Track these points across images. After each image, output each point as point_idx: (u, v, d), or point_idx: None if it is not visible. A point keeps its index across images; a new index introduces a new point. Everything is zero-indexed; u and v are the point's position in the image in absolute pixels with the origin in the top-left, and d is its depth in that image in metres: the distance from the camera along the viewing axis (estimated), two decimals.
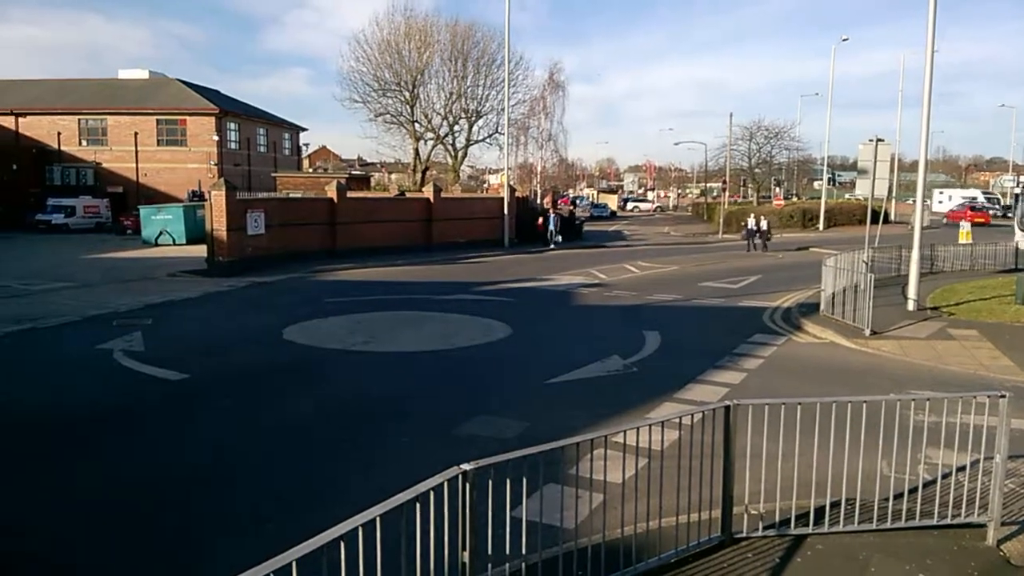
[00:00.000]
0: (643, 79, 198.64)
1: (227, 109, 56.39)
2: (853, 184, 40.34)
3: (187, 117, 53.86)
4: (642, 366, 12.64)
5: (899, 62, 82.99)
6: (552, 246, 38.17)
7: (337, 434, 9.11)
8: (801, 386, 11.26)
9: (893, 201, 53.91)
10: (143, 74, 60.68)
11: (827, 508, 6.09)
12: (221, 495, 7.36)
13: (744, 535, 5.96)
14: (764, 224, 37.36)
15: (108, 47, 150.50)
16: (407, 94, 51.85)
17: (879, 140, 19.33)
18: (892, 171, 35.98)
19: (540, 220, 40.11)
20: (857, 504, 6.10)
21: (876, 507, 6.11)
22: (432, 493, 4.23)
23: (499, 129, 52.00)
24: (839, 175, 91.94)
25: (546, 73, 60.00)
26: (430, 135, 53.76)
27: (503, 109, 45.24)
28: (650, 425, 5.63)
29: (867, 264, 19.10)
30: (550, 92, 57.99)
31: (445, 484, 4.33)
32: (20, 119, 53.89)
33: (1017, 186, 75.55)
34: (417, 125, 52.95)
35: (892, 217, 50.40)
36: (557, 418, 9.41)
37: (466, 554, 4.47)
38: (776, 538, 5.98)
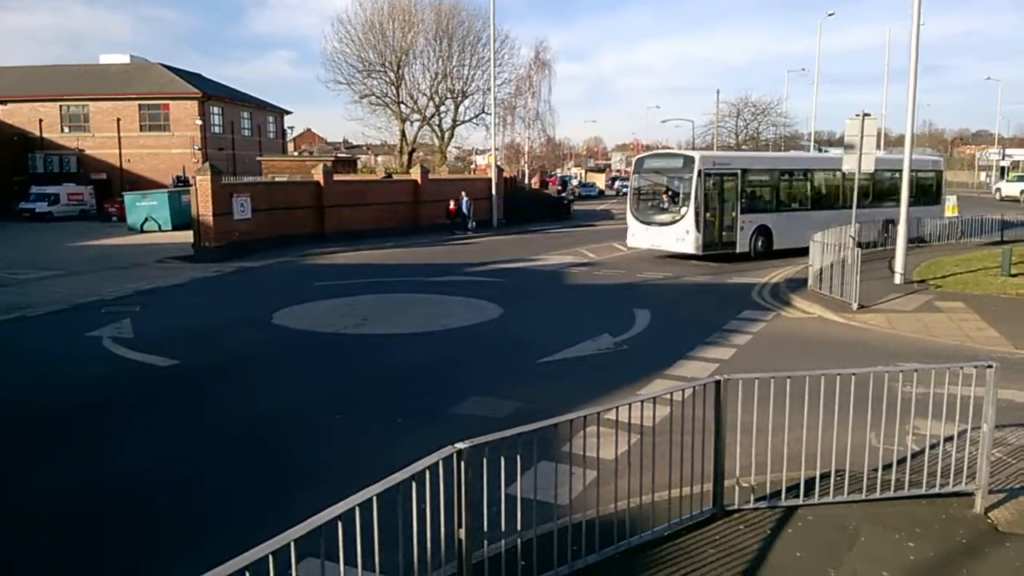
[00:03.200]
0: (630, 57, 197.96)
1: (210, 93, 55.79)
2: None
3: (170, 102, 53.30)
4: (633, 344, 12.71)
5: (885, 36, 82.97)
6: (468, 232, 34.22)
7: (331, 416, 9.12)
8: (790, 360, 11.35)
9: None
10: (124, 59, 59.91)
11: (817, 480, 6.17)
12: (220, 478, 7.38)
13: (736, 507, 6.04)
14: None
15: (88, 32, 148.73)
16: (392, 75, 51.51)
17: (866, 115, 19.35)
18: (879, 146, 36.00)
19: (452, 204, 35.45)
20: (847, 475, 6.18)
21: (865, 478, 6.20)
22: (428, 472, 4.26)
23: (485, 109, 51.82)
24: (826, 150, 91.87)
25: (532, 52, 59.80)
26: (416, 116, 53.53)
27: (489, 89, 45.04)
28: (641, 401, 5.68)
29: (854, 239, 19.20)
30: (536, 71, 57.74)
31: (440, 463, 4.36)
32: (0, 107, 53.24)
33: (1002, 159, 75.99)
34: (403, 106, 52.67)
35: None
36: (549, 396, 9.46)
37: (462, 531, 4.51)
38: (767, 510, 6.06)
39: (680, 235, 22.41)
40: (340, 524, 3.64)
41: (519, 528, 4.89)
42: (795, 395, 5.95)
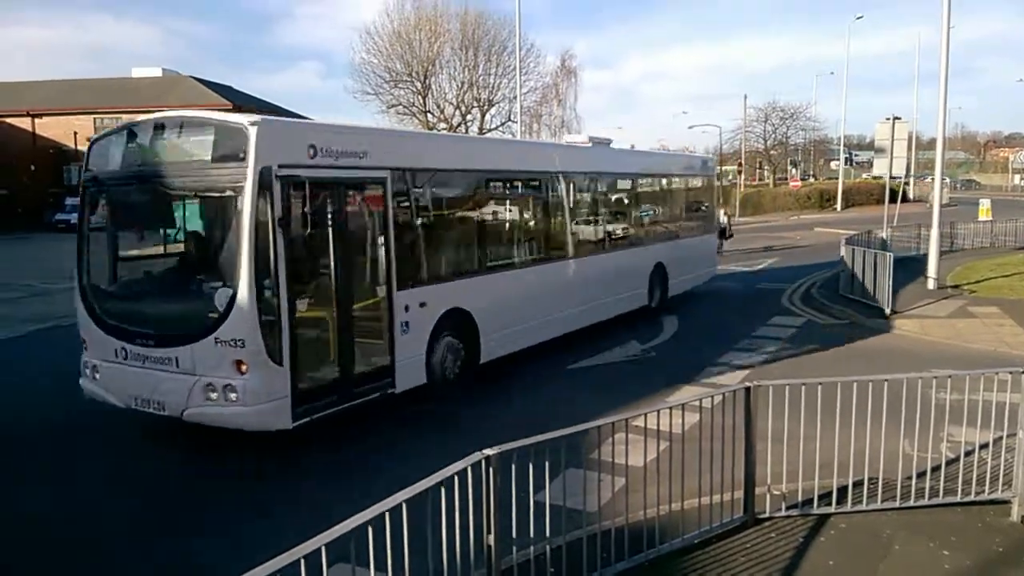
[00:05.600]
0: (656, 63, 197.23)
1: (240, 105, 56.51)
2: (871, 164, 39.88)
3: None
4: (661, 351, 12.66)
5: (915, 39, 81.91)
6: None
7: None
8: (822, 367, 11.22)
9: (912, 180, 53.42)
10: (156, 72, 60.94)
11: (850, 488, 6.09)
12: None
13: (767, 515, 5.98)
14: (724, 219, 27.12)
15: (118, 46, 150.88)
16: (419, 84, 51.99)
17: (896, 118, 19.16)
18: (910, 149, 35.24)
19: None
20: (880, 483, 6.11)
21: (899, 486, 6.11)
22: (456, 478, 4.29)
23: (512, 117, 51.96)
24: (856, 155, 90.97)
25: (558, 60, 59.92)
26: (443, 125, 53.85)
27: (515, 97, 45.18)
28: (670, 408, 5.65)
29: (886, 243, 18.98)
30: (563, 79, 57.95)
31: (469, 469, 4.39)
32: (36, 120, 54.46)
33: None
34: (429, 115, 53.07)
35: (911, 196, 49.98)
36: (578, 402, 9.45)
37: (491, 537, 4.52)
38: (799, 518, 6.00)
39: (217, 371, 7.54)
40: (371, 529, 3.67)
41: (548, 535, 4.89)
42: (826, 402, 5.89)
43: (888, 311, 14.67)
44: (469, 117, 54.19)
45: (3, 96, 55.44)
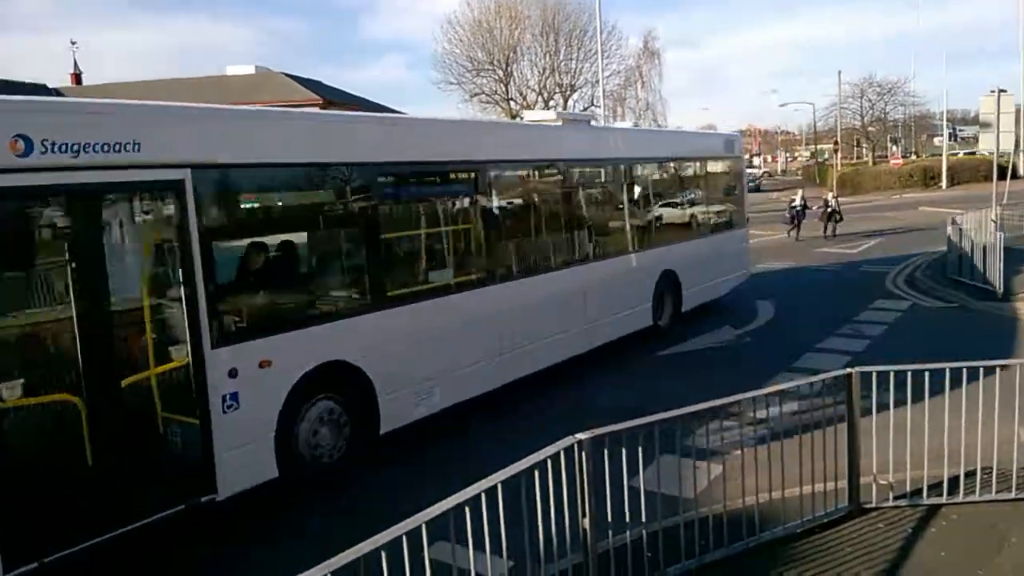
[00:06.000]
0: (743, 41, 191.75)
1: (330, 99, 57.77)
2: (976, 139, 37.68)
3: (293, 109, 55.59)
4: (756, 336, 12.40)
5: (1018, 3, 76.70)
6: None
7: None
8: (929, 352, 10.67)
9: (1021, 155, 50.40)
10: (250, 70, 62.86)
11: (961, 477, 5.81)
12: None
13: (873, 505, 5.77)
14: (833, 201, 26.97)
15: (215, 47, 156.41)
16: (500, 72, 52.13)
17: (1002, 91, 18.11)
18: (1018, 123, 33.04)
19: None
20: (994, 473, 5.84)
21: (1015, 476, 5.83)
22: (549, 462, 4.31)
23: (595, 102, 51.54)
24: (961, 130, 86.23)
25: (640, 41, 59.03)
26: (526, 112, 53.92)
27: (597, 81, 44.80)
28: (767, 395, 5.51)
29: (995, 222, 17.98)
30: (646, 60, 57.06)
31: (562, 453, 4.40)
32: None
33: None
34: (512, 103, 53.14)
35: (1021, 172, 47.15)
36: (671, 388, 9.33)
37: (586, 521, 4.52)
38: (908, 508, 5.76)
39: None
40: (467, 509, 3.73)
41: (644, 520, 4.86)
42: (934, 388, 5.63)
43: (1000, 293, 13.91)
44: (552, 103, 54.02)
45: (98, 98, 58.25)
